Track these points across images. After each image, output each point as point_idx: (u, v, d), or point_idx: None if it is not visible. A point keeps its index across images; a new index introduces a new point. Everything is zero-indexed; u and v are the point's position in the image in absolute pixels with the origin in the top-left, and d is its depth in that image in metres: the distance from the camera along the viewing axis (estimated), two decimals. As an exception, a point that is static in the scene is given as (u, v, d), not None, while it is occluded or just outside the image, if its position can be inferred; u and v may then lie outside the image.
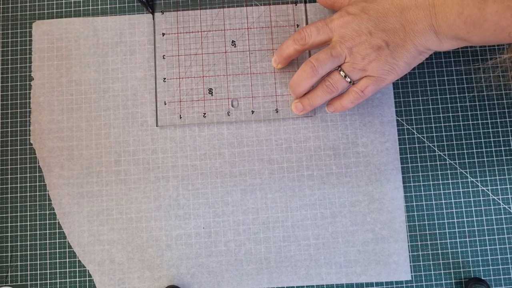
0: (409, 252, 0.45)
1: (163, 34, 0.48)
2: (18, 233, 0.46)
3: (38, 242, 0.46)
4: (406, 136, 0.47)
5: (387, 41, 0.40)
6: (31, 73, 0.48)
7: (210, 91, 0.47)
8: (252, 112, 0.47)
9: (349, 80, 0.42)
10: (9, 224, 0.46)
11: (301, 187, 0.46)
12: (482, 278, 0.45)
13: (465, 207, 0.46)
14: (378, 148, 0.46)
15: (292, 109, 0.46)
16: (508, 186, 0.46)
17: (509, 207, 0.46)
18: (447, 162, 0.46)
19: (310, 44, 0.43)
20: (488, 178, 0.46)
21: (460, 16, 0.37)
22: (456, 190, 0.46)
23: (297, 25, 0.48)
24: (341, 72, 0.42)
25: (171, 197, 0.46)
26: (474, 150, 0.47)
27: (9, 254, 0.46)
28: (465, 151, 0.47)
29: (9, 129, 0.47)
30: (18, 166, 0.47)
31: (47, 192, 0.46)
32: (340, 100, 0.44)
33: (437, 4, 0.38)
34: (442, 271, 0.45)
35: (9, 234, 0.46)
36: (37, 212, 0.46)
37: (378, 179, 0.46)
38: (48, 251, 0.45)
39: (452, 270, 0.45)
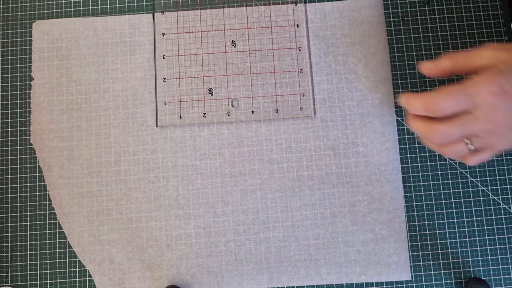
0: (409, 252, 0.45)
1: (163, 34, 0.48)
2: (18, 233, 0.46)
3: (38, 242, 0.46)
4: (406, 136, 0.47)
5: None
6: (31, 73, 0.48)
7: (210, 91, 0.47)
8: (252, 112, 0.47)
9: (472, 148, 0.37)
10: (9, 224, 0.46)
11: (301, 187, 0.46)
12: (482, 278, 0.45)
13: (465, 207, 0.46)
14: (378, 148, 0.46)
15: (410, 124, 0.39)
16: (508, 186, 0.46)
17: (509, 207, 0.46)
18: (447, 162, 0.46)
19: (442, 115, 0.36)
20: (488, 178, 0.46)
21: None
22: (456, 190, 0.46)
23: (297, 25, 0.48)
24: (469, 145, 0.36)
25: (171, 197, 0.46)
26: (474, 150, 0.47)
27: (9, 254, 0.46)
28: (465, 151, 0.47)
29: (9, 129, 0.47)
30: (18, 166, 0.47)
31: (47, 192, 0.46)
32: (443, 149, 0.38)
33: None
34: (442, 271, 0.45)
35: (9, 234, 0.46)
36: (37, 212, 0.46)
37: (378, 179, 0.46)
38: (48, 251, 0.45)
39: (452, 270, 0.45)
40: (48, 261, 0.45)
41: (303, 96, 0.47)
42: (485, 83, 0.34)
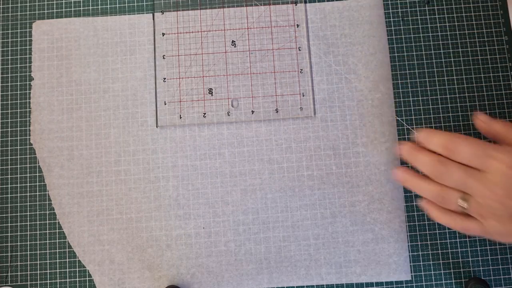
0: (409, 252, 0.45)
1: (163, 34, 0.48)
2: (18, 233, 0.46)
3: (38, 242, 0.46)
4: (406, 136, 0.47)
5: None
6: (31, 73, 0.48)
7: (210, 91, 0.47)
8: (252, 112, 0.47)
9: (463, 211, 0.37)
10: (9, 224, 0.46)
11: (301, 187, 0.46)
12: (482, 278, 0.45)
13: (465, 207, 0.46)
14: (378, 148, 0.46)
15: (393, 171, 0.42)
16: (508, 186, 0.46)
17: (509, 207, 0.46)
18: (447, 162, 0.46)
19: (457, 160, 0.37)
20: (488, 178, 0.46)
21: None
22: (456, 190, 0.46)
23: (297, 25, 0.48)
24: (463, 202, 0.37)
25: (171, 197, 0.46)
26: (474, 150, 0.47)
27: (9, 254, 0.46)
28: (465, 151, 0.47)
29: (9, 129, 0.47)
30: (18, 166, 0.47)
31: (47, 192, 0.46)
32: (437, 213, 0.39)
33: None
34: (442, 271, 0.45)
35: (9, 234, 0.46)
36: (37, 212, 0.46)
37: (378, 179, 0.46)
38: (48, 251, 0.45)
39: (452, 270, 0.45)
40: (48, 261, 0.45)
41: (303, 96, 0.47)
42: (507, 154, 0.35)
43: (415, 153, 0.39)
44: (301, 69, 0.48)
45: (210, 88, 0.47)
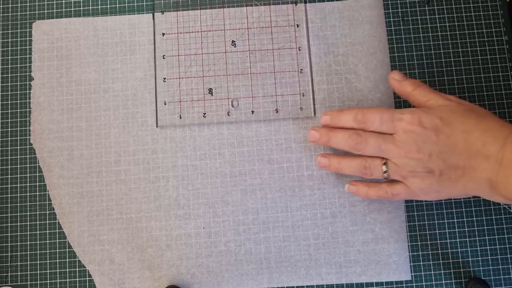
0: (409, 252, 0.45)
1: (163, 34, 0.48)
2: (18, 233, 0.46)
3: (38, 242, 0.46)
4: (406, 136, 0.47)
5: (441, 171, 0.38)
6: (31, 73, 0.48)
7: (210, 91, 0.47)
8: (252, 112, 0.47)
9: (386, 176, 0.41)
10: (9, 224, 0.46)
11: (301, 187, 0.46)
12: (482, 278, 0.45)
13: (465, 207, 0.46)
14: (378, 148, 0.46)
15: (317, 159, 0.45)
16: (508, 186, 0.46)
17: (509, 207, 0.46)
18: (447, 162, 0.46)
19: (368, 130, 0.41)
20: (488, 178, 0.46)
21: None
22: (456, 190, 0.46)
23: (297, 25, 0.48)
24: (384, 167, 0.40)
25: (171, 197, 0.46)
26: (474, 150, 0.47)
27: (9, 254, 0.46)
28: (465, 151, 0.47)
29: (9, 129, 0.47)
30: (18, 166, 0.47)
31: (47, 192, 0.46)
32: (366, 189, 0.43)
33: (504, 164, 0.36)
34: (442, 271, 0.45)
35: (9, 234, 0.46)
36: (37, 212, 0.46)
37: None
38: (48, 251, 0.45)
39: (452, 270, 0.45)
40: (48, 261, 0.45)
41: (303, 96, 0.47)
42: (409, 113, 0.39)
43: (329, 134, 0.43)
44: (301, 69, 0.48)
45: (210, 88, 0.47)
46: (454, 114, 0.38)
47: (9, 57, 0.48)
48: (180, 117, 0.47)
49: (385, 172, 0.41)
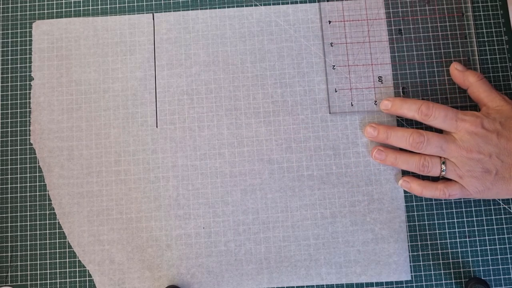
0: (409, 252, 0.45)
1: (329, 22, 0.48)
2: (18, 233, 0.46)
3: (38, 242, 0.46)
4: (406, 136, 0.47)
5: (497, 171, 0.41)
6: (31, 73, 0.48)
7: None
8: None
9: (443, 175, 0.43)
10: (9, 224, 0.46)
11: (301, 187, 0.46)
12: (482, 278, 0.45)
13: (465, 207, 0.46)
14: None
15: (373, 154, 0.45)
16: (508, 186, 0.46)
17: (509, 207, 0.46)
18: (447, 162, 0.46)
19: (430, 124, 0.43)
20: (488, 178, 0.46)
21: None
22: (456, 190, 0.46)
23: (462, 13, 0.48)
24: (443, 165, 0.42)
25: (171, 197, 0.46)
26: (474, 150, 0.47)
27: (9, 254, 0.46)
28: (465, 151, 0.47)
29: (9, 129, 0.47)
30: (18, 166, 0.47)
31: (47, 192, 0.46)
32: (421, 188, 0.44)
33: None
34: (442, 271, 0.45)
35: (9, 234, 0.46)
36: (37, 212, 0.46)
37: (378, 179, 0.46)
38: (48, 251, 0.45)
39: (452, 270, 0.45)
40: (48, 261, 0.45)
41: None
42: (473, 116, 0.42)
43: (387, 131, 0.44)
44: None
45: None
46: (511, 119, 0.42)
47: (9, 57, 0.48)
48: (352, 105, 0.47)
49: (442, 171, 0.42)
